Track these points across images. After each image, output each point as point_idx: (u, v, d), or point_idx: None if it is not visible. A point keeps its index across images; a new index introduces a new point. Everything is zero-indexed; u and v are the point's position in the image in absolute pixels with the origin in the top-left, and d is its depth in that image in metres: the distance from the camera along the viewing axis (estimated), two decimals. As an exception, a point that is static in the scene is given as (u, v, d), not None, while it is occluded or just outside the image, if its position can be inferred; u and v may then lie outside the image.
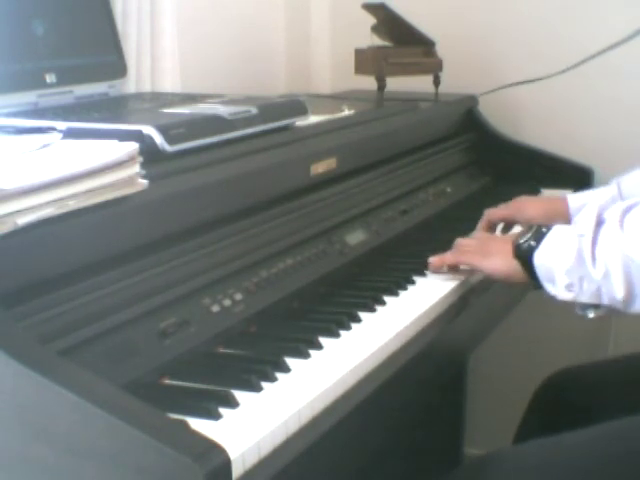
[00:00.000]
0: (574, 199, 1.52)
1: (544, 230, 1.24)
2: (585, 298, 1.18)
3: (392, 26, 1.97)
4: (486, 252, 1.32)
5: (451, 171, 1.89)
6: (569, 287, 1.18)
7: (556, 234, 1.23)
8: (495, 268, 1.29)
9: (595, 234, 1.17)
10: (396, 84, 1.97)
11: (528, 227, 1.28)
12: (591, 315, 1.22)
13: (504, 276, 1.29)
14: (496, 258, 1.29)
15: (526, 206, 1.55)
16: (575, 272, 1.17)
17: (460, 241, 1.39)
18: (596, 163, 1.98)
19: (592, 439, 1.18)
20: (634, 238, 1.13)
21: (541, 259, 1.22)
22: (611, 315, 1.23)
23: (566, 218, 1.49)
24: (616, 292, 1.15)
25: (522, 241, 1.25)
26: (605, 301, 1.17)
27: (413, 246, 1.53)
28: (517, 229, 1.53)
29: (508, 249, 1.27)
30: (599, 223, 1.18)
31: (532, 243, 1.23)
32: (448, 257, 1.36)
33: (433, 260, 1.36)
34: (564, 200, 1.53)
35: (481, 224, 1.54)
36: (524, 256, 1.24)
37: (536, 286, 1.25)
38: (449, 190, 1.81)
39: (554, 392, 1.49)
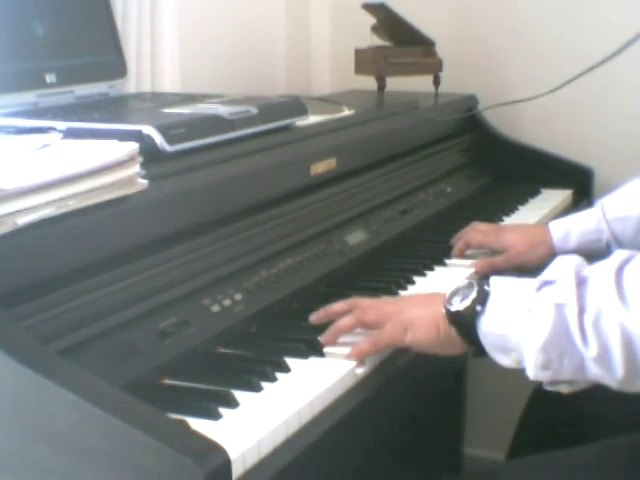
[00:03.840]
0: (556, 226, 1.47)
1: (487, 288, 1.02)
2: (565, 376, 0.96)
3: (392, 26, 1.97)
4: (407, 322, 1.07)
5: (451, 171, 1.89)
6: (545, 365, 0.95)
7: (506, 293, 1.01)
8: (426, 341, 1.06)
9: (580, 299, 0.94)
10: (396, 84, 1.97)
11: (464, 284, 1.04)
12: (565, 391, 1.00)
13: (435, 350, 1.07)
14: (424, 328, 1.06)
15: (505, 234, 1.48)
16: (554, 347, 0.94)
17: (359, 303, 1.12)
18: (596, 163, 1.98)
19: (588, 459, 1.14)
20: (637, 310, 0.92)
21: (490, 327, 1.00)
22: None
23: (549, 246, 1.45)
24: (614, 372, 0.93)
25: (461, 305, 1.02)
26: (590, 377, 0.96)
27: (413, 246, 1.53)
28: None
29: (436, 314, 1.05)
30: (580, 283, 0.95)
31: (477, 308, 1.00)
32: (365, 347, 1.05)
33: (351, 355, 1.05)
34: (546, 228, 1.48)
35: (460, 245, 1.46)
36: (466, 323, 1.02)
37: (477, 353, 1.05)
38: (449, 190, 1.81)
39: (551, 393, 1.48)
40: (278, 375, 0.99)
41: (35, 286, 0.91)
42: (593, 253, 1.44)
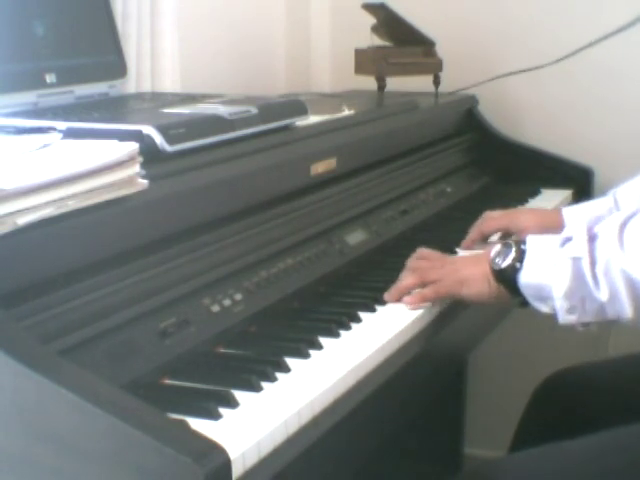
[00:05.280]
0: (569, 212, 1.49)
1: (523, 247, 1.18)
2: (589, 318, 1.13)
3: (392, 26, 1.97)
4: (462, 279, 1.23)
5: (451, 171, 1.89)
6: (571, 310, 1.13)
7: (538, 250, 1.17)
8: (481, 295, 1.22)
9: (592, 252, 1.11)
10: (396, 84, 1.97)
11: (502, 244, 1.21)
12: (594, 328, 1.16)
13: (489, 301, 1.23)
14: (478, 284, 1.22)
15: (519, 217, 1.52)
16: (575, 294, 1.12)
17: (418, 265, 1.29)
18: (596, 163, 1.98)
19: (591, 449, 1.16)
20: (636, 256, 1.09)
21: (528, 279, 1.16)
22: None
23: (561, 231, 1.48)
24: (624, 312, 1.10)
25: (503, 264, 1.18)
26: (610, 317, 1.12)
27: (413, 246, 1.52)
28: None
29: (485, 272, 1.20)
30: (592, 238, 1.13)
31: (516, 265, 1.17)
32: (427, 294, 1.23)
33: (411, 300, 1.22)
34: (558, 212, 1.50)
35: (473, 235, 1.50)
36: (509, 279, 1.18)
37: (523, 304, 1.21)
38: (449, 190, 1.81)
39: (553, 393, 1.48)
40: (278, 375, 0.99)
41: (35, 286, 0.91)
42: None
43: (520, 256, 1.17)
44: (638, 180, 1.48)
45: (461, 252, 1.47)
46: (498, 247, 1.21)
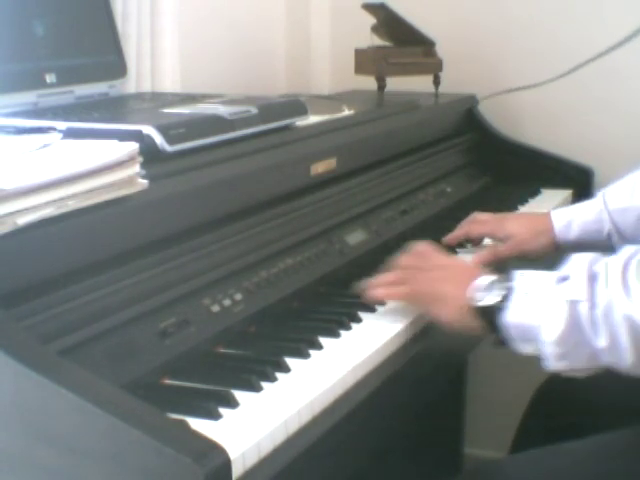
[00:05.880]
0: (558, 216, 1.48)
1: (509, 285, 1.08)
2: (580, 365, 1.04)
3: (392, 26, 1.97)
4: (438, 296, 1.14)
5: (451, 171, 1.89)
6: (562, 357, 1.03)
7: (528, 287, 1.07)
8: (450, 320, 1.13)
9: (591, 296, 1.01)
10: (396, 84, 1.97)
11: (488, 279, 1.10)
12: (581, 375, 1.07)
13: (461, 329, 1.13)
14: (450, 309, 1.13)
15: (506, 223, 1.49)
16: (569, 340, 1.02)
17: (407, 262, 1.23)
18: (596, 163, 1.98)
19: (591, 451, 1.15)
20: None
21: (514, 318, 1.06)
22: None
23: (551, 235, 1.46)
24: (623, 360, 1.01)
25: (487, 303, 1.08)
26: (604, 364, 1.03)
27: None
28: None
29: (463, 301, 1.11)
30: (591, 279, 1.02)
31: (501, 305, 1.07)
32: (395, 293, 1.19)
33: (374, 293, 1.18)
34: (548, 217, 1.48)
35: (458, 233, 1.49)
36: (490, 317, 1.08)
37: (500, 343, 1.11)
38: (449, 190, 1.81)
39: (554, 393, 1.48)
40: (278, 375, 0.99)
41: (35, 286, 0.91)
42: (594, 243, 1.46)
43: (506, 294, 1.08)
44: (626, 181, 1.48)
45: (461, 253, 1.47)
46: (484, 282, 1.11)
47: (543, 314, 1.03)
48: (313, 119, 1.46)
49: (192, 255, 1.12)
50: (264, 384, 0.97)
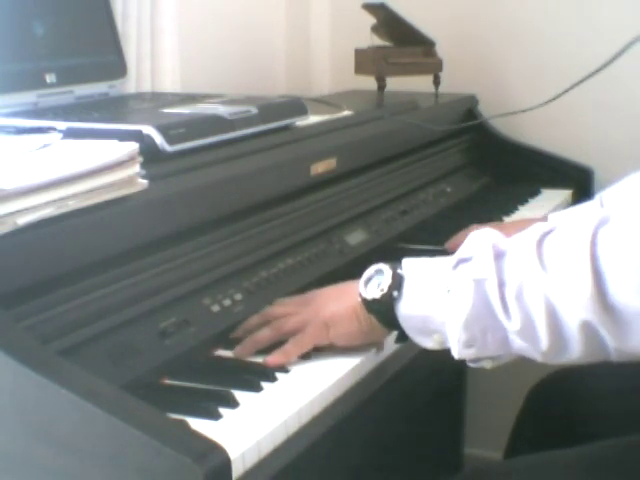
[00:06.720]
0: (555, 218, 1.43)
1: (399, 272, 0.99)
2: (490, 352, 0.95)
3: (392, 26, 1.96)
4: (325, 319, 1.05)
5: (451, 171, 1.89)
6: (469, 343, 0.94)
7: (421, 274, 0.99)
8: (347, 334, 1.04)
9: (499, 273, 0.92)
10: (396, 84, 1.97)
11: (375, 269, 1.03)
12: (489, 366, 0.98)
13: (362, 340, 1.05)
14: (342, 322, 1.04)
15: (503, 230, 1.45)
16: (476, 323, 0.92)
17: (272, 313, 1.10)
18: (596, 163, 1.98)
19: (585, 459, 1.13)
20: (560, 277, 0.89)
21: (409, 310, 0.98)
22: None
23: None
24: (537, 344, 0.92)
25: (379, 294, 0.99)
26: (515, 350, 0.95)
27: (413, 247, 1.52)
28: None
29: (352, 306, 1.03)
30: (498, 256, 0.93)
31: (394, 293, 0.98)
32: (290, 349, 1.04)
33: (274, 360, 1.02)
34: (544, 220, 1.46)
35: (456, 240, 1.44)
36: (384, 310, 1.00)
37: (400, 338, 1.04)
38: (449, 190, 1.81)
39: (549, 393, 1.48)
40: (278, 375, 0.99)
41: (35, 286, 0.91)
42: None
43: (397, 282, 0.99)
44: (624, 183, 1.47)
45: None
46: (369, 271, 1.03)
47: (443, 299, 0.95)
48: (313, 119, 1.46)
49: (192, 255, 1.12)
50: (264, 384, 0.97)
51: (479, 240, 0.97)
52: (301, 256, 1.29)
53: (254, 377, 0.97)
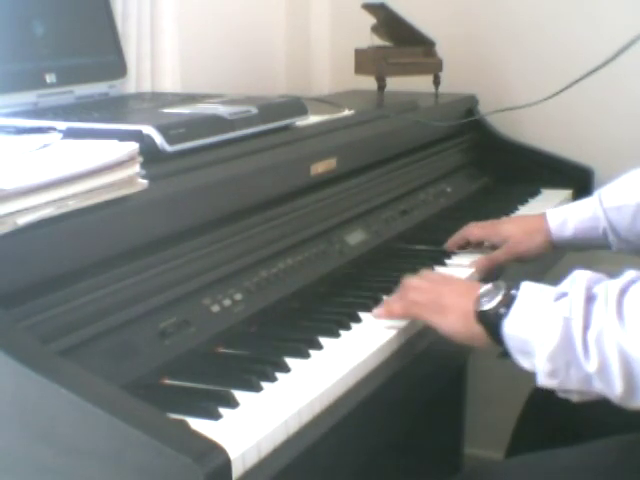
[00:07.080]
0: (553, 215, 1.48)
1: (513, 293, 1.05)
2: (572, 386, 1.00)
3: (392, 26, 1.97)
4: (441, 306, 1.13)
5: (451, 171, 1.89)
6: (553, 374, 0.99)
7: (529, 299, 1.04)
8: (453, 330, 1.11)
9: (587, 316, 0.97)
10: (396, 84, 1.97)
11: (494, 284, 1.09)
12: (575, 399, 1.03)
13: (463, 340, 1.12)
14: (453, 317, 1.11)
15: (502, 227, 1.50)
16: (560, 357, 0.98)
17: (409, 283, 1.20)
18: (596, 163, 1.98)
19: (585, 459, 1.14)
20: (634, 331, 0.95)
21: (513, 330, 1.03)
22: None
23: (546, 234, 1.47)
24: (612, 388, 0.96)
25: (488, 307, 1.06)
26: (596, 390, 0.99)
27: (413, 247, 1.52)
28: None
29: (467, 308, 1.09)
30: (589, 299, 0.99)
31: (501, 310, 1.04)
32: (396, 309, 1.17)
33: (379, 312, 1.17)
34: (543, 216, 1.49)
35: (457, 238, 1.49)
36: (491, 323, 1.06)
37: (504, 354, 1.07)
38: (449, 190, 1.81)
39: (548, 394, 1.47)
40: (278, 375, 0.99)
41: (35, 286, 0.91)
42: (590, 241, 1.47)
43: (508, 301, 1.05)
44: (622, 180, 1.48)
45: (450, 262, 1.46)
46: (489, 286, 1.09)
47: (538, 328, 1.00)
48: (313, 119, 1.46)
49: (192, 255, 1.12)
50: (264, 384, 0.97)
51: (578, 278, 1.02)
52: (301, 256, 1.29)
53: (254, 377, 0.97)
